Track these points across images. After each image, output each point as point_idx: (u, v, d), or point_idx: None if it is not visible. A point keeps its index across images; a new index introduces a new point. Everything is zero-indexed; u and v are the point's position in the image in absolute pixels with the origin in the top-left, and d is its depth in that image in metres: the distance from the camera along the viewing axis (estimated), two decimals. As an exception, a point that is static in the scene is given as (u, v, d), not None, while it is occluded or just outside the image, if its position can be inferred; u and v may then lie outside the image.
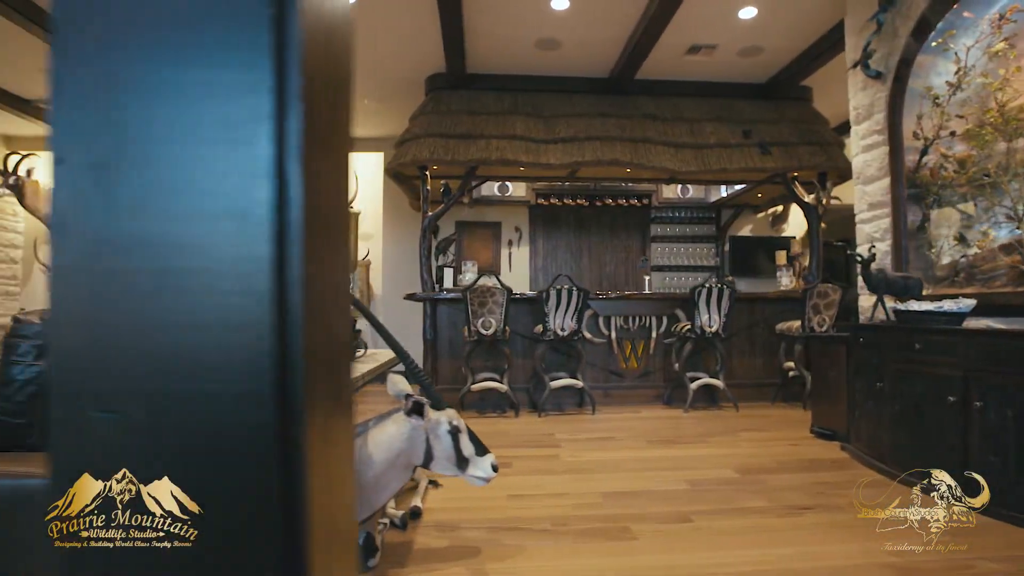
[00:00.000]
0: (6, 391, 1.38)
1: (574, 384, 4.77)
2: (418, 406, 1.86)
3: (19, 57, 4.95)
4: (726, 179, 5.76)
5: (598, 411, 4.85)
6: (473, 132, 5.08)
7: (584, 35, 4.65)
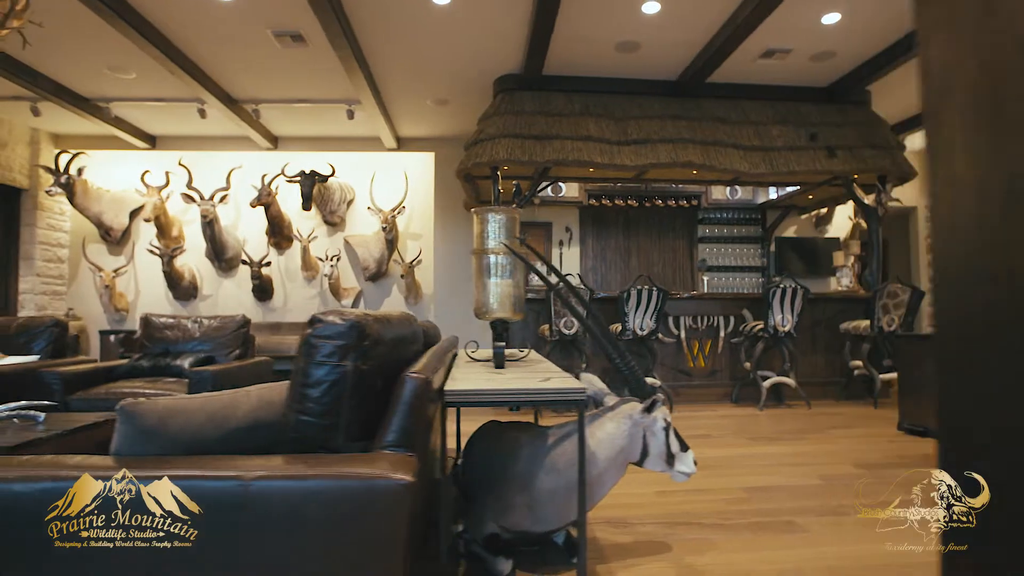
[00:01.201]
0: (313, 392, 1.41)
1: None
2: (653, 404, 1.92)
3: (84, 55, 4.91)
4: (792, 181, 5.85)
5: (674, 409, 4.92)
6: (548, 133, 5.12)
7: (665, 38, 4.72)
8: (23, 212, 6.68)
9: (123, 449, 1.37)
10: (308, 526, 1.20)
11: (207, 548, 1.16)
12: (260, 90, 5.72)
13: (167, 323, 4.16)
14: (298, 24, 4.45)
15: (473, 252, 2.64)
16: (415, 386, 1.44)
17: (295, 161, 6.91)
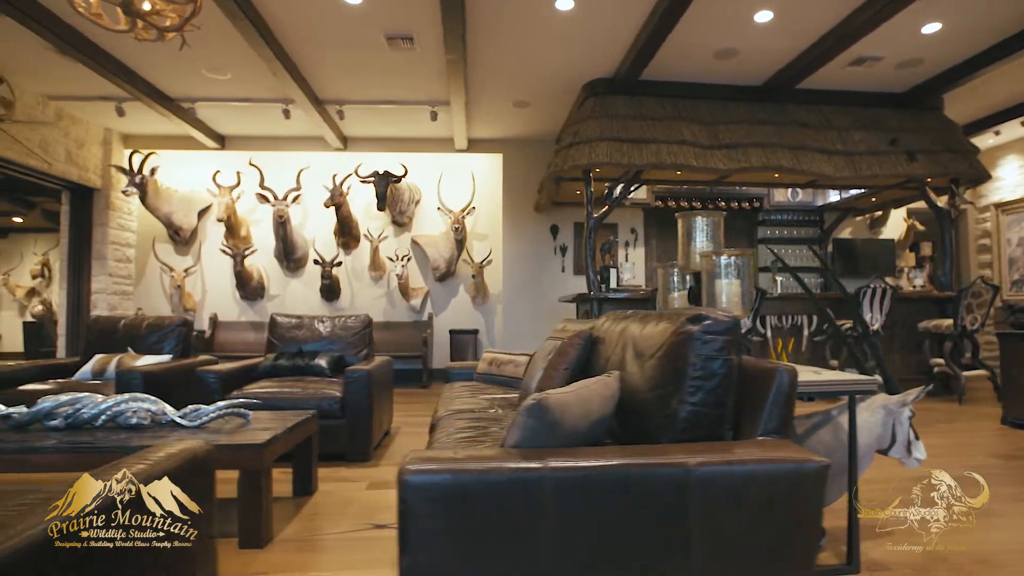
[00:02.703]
0: (707, 384, 1.51)
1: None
2: (915, 395, 2.04)
3: (185, 57, 4.90)
4: (874, 184, 6.02)
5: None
6: (644, 137, 5.24)
7: (766, 45, 4.85)
8: (95, 212, 6.67)
9: (525, 442, 1.47)
10: (747, 505, 1.31)
11: (660, 526, 1.28)
12: (348, 91, 5.77)
13: (294, 323, 4.21)
14: (413, 27, 4.51)
15: (680, 254, 2.76)
16: (789, 378, 1.55)
17: (362, 161, 6.94)
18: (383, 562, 2.07)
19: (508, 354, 3.41)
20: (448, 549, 1.26)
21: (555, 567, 1.27)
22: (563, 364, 2.41)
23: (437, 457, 1.32)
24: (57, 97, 5.87)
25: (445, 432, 2.17)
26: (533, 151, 7.17)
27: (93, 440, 2.24)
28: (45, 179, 6.01)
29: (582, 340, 2.44)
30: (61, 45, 4.51)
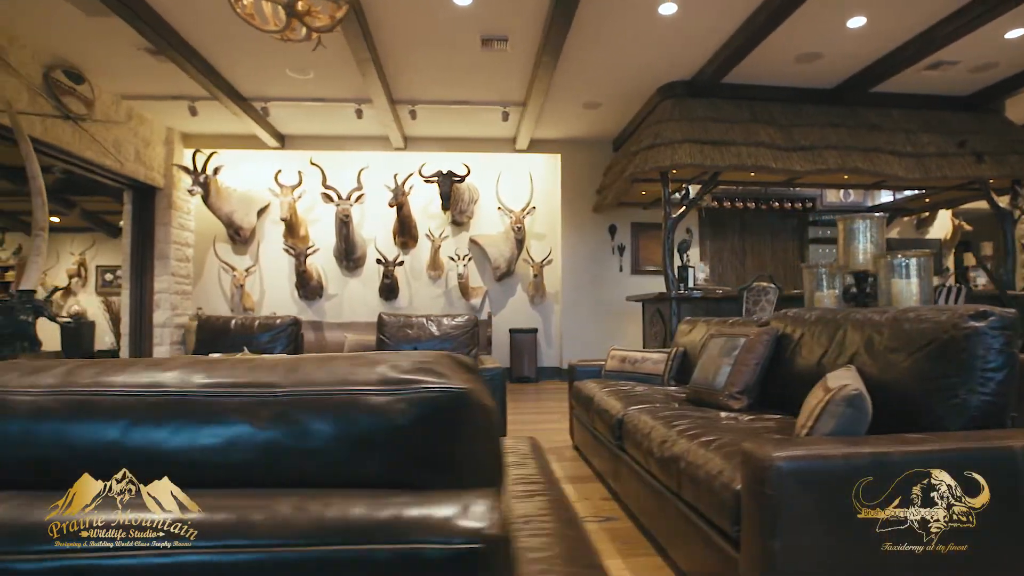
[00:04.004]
0: (997, 376, 1.58)
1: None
2: None
3: (269, 57, 4.94)
4: (943, 186, 6.15)
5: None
6: (725, 138, 5.32)
7: (850, 49, 4.95)
8: (158, 211, 6.65)
9: (841, 430, 1.54)
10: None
11: (992, 513, 1.35)
12: (423, 91, 5.81)
13: (404, 322, 4.24)
14: (511, 27, 4.56)
15: (840, 255, 2.83)
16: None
17: (420, 161, 6.97)
18: (608, 553, 2.12)
19: (640, 352, 3.47)
20: (816, 530, 1.32)
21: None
22: (753, 359, 2.48)
23: (801, 444, 1.39)
24: (130, 97, 5.86)
25: (657, 425, 2.22)
26: (590, 152, 7.25)
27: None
28: (116, 178, 5.99)
29: (770, 337, 2.51)
30: (161, 45, 4.51)
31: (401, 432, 0.49)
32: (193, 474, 0.50)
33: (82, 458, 0.49)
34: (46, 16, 4.35)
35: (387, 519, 0.42)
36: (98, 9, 4.09)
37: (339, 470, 0.49)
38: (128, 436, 0.50)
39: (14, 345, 3.69)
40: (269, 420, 0.48)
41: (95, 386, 0.52)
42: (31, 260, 3.94)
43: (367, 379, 0.51)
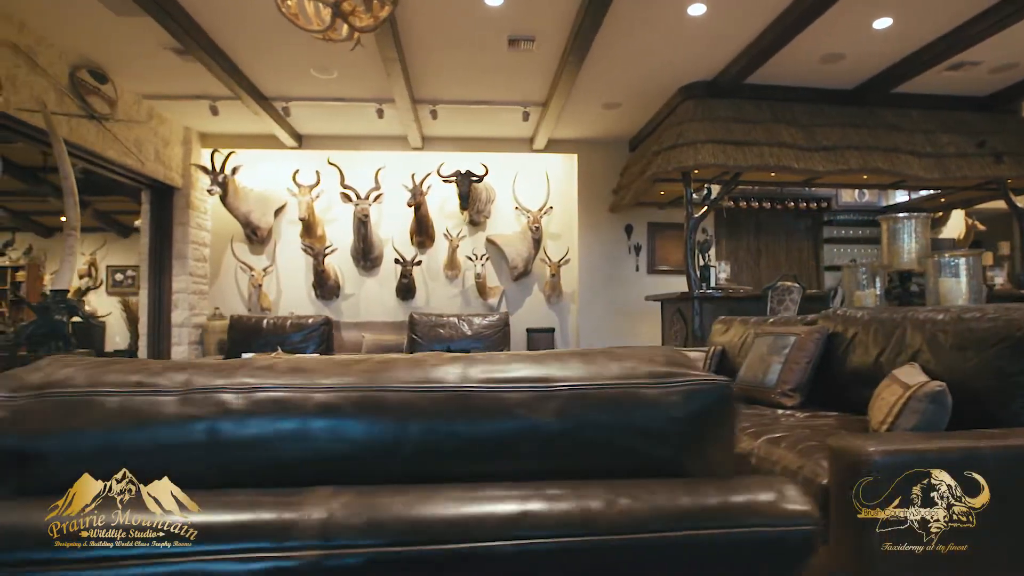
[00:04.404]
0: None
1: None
2: None
3: (294, 56, 4.95)
4: (963, 186, 6.18)
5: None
6: (747, 139, 5.35)
7: (875, 50, 4.98)
8: (176, 211, 6.64)
9: (924, 426, 1.56)
10: None
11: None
12: (445, 91, 5.82)
13: (437, 321, 4.26)
14: (540, 27, 4.58)
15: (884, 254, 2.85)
16: None
17: (435, 160, 6.97)
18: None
19: (677, 350, 3.49)
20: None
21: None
22: (805, 358, 2.50)
23: (895, 439, 1.41)
24: (151, 96, 5.86)
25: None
26: (606, 152, 7.26)
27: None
28: (137, 178, 5.99)
29: (821, 336, 2.53)
30: (189, 44, 4.52)
31: (676, 422, 0.50)
32: (477, 468, 0.51)
33: (364, 451, 0.50)
34: (74, 15, 4.35)
35: (716, 505, 0.43)
36: (129, 9, 4.10)
37: (622, 461, 0.50)
38: (407, 431, 0.51)
39: (49, 345, 3.69)
40: (553, 414, 0.49)
41: (380, 383, 0.53)
42: (64, 260, 3.94)
43: (634, 373, 0.52)
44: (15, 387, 0.53)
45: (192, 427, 0.50)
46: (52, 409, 0.51)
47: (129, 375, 0.54)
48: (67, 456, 0.50)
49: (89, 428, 0.50)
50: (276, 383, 0.53)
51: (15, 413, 0.50)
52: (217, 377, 0.54)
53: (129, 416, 0.50)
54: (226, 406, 0.50)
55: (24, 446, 0.50)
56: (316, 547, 0.41)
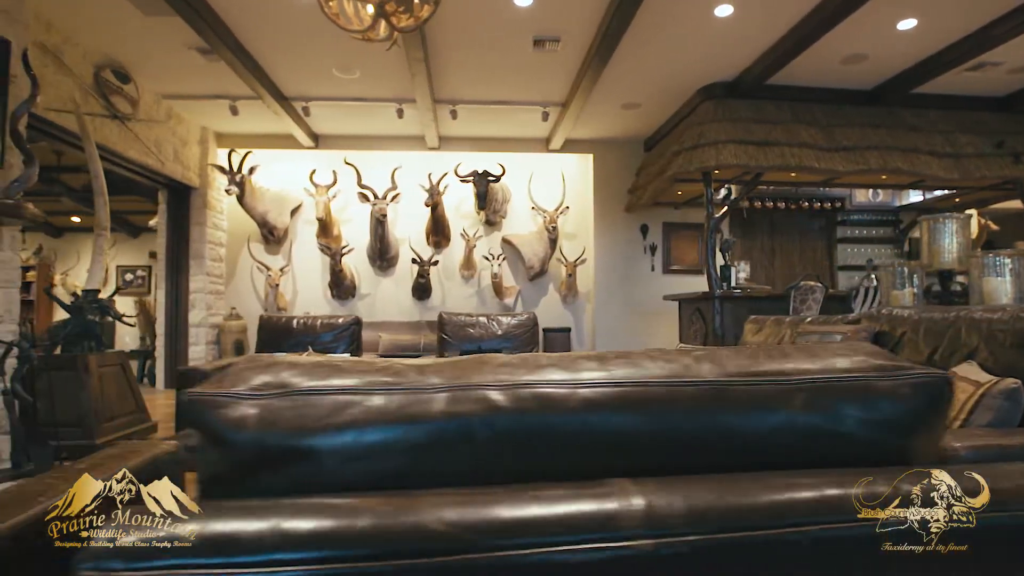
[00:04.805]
0: None
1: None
2: None
3: (318, 56, 4.95)
4: (981, 186, 6.21)
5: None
6: (768, 139, 5.37)
7: (897, 50, 5.00)
8: (193, 210, 6.64)
9: (998, 422, 1.58)
10: None
11: None
12: (465, 91, 5.83)
13: (467, 321, 4.27)
14: (565, 28, 4.59)
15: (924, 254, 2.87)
16: None
17: (451, 160, 6.98)
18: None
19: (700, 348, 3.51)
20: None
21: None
22: (853, 357, 2.51)
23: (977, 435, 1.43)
24: (171, 96, 5.85)
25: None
26: (622, 152, 7.28)
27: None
28: (156, 177, 5.98)
29: (868, 334, 2.55)
30: (215, 44, 4.52)
31: (908, 413, 0.52)
32: (735, 460, 0.52)
33: (614, 446, 0.51)
34: (101, 15, 4.35)
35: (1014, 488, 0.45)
36: (158, 8, 4.10)
37: (867, 450, 0.51)
38: (668, 423, 0.52)
39: (82, 344, 3.70)
40: (802, 406, 0.51)
41: (639, 378, 0.54)
42: (94, 259, 3.94)
43: (866, 366, 0.54)
44: (255, 386, 0.54)
45: (458, 424, 0.51)
46: (305, 408, 0.52)
47: (372, 376, 0.55)
48: (331, 454, 0.51)
49: (349, 427, 0.51)
50: (538, 379, 0.54)
51: (267, 411, 0.51)
52: (474, 375, 0.55)
53: (390, 414, 0.51)
54: (491, 403, 0.51)
55: (282, 443, 0.51)
56: (646, 536, 0.43)
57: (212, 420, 0.51)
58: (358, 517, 0.44)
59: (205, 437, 0.52)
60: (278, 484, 0.50)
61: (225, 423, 0.51)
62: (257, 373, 0.56)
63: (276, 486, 0.50)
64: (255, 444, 0.50)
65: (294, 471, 0.51)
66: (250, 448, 0.50)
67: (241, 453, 0.51)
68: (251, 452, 0.50)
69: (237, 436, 0.50)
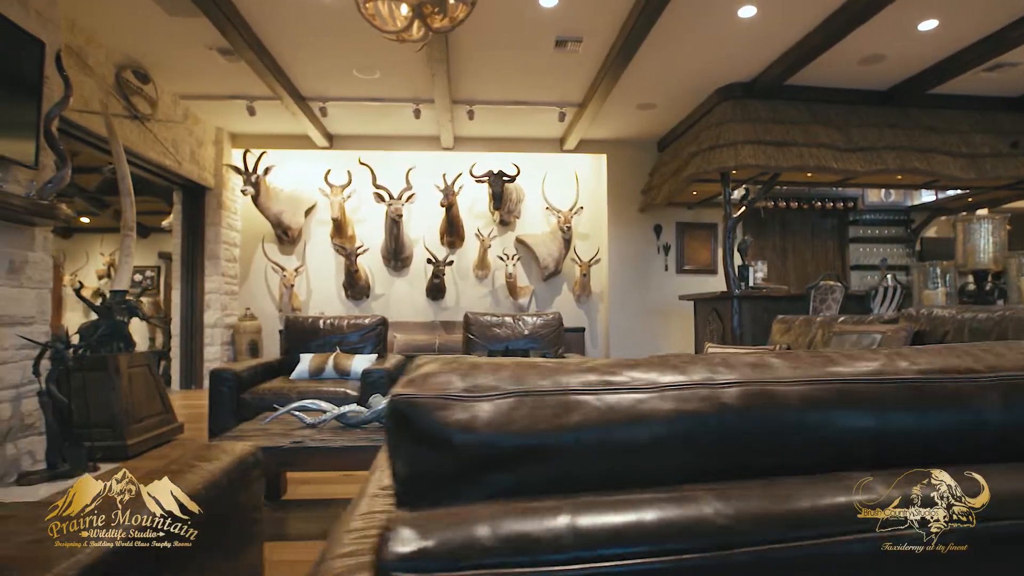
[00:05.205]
0: None
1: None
2: None
3: (341, 56, 4.96)
4: (997, 185, 6.24)
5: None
6: (787, 140, 5.39)
7: (915, 51, 5.02)
8: (208, 211, 6.64)
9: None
10: None
11: None
12: (483, 91, 5.83)
13: (493, 321, 4.28)
14: (589, 29, 4.60)
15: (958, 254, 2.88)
16: None
17: (464, 160, 6.99)
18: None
19: (742, 349, 3.52)
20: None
21: None
22: (896, 357, 2.53)
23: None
24: (188, 96, 5.85)
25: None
26: (635, 152, 7.30)
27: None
28: (173, 178, 5.98)
29: (908, 333, 2.57)
30: (239, 45, 4.52)
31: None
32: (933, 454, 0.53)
33: (834, 443, 0.52)
34: (124, 15, 4.35)
35: None
36: (183, 8, 4.10)
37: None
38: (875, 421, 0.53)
39: (111, 345, 3.69)
40: (998, 403, 0.52)
41: (840, 376, 0.55)
42: (121, 260, 3.93)
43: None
44: (471, 388, 0.55)
45: (685, 421, 0.52)
46: (535, 409, 0.53)
47: (585, 375, 0.56)
48: (562, 453, 0.52)
49: (580, 427, 0.52)
50: (752, 379, 0.56)
51: (496, 413, 0.52)
52: (693, 373, 0.56)
53: (620, 413, 0.52)
54: (719, 400, 0.52)
55: (515, 444, 0.52)
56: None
57: (434, 422, 0.52)
58: (644, 511, 0.45)
59: (420, 439, 0.53)
60: (505, 484, 0.51)
61: (451, 425, 0.52)
62: (462, 375, 0.57)
63: (503, 486, 0.51)
64: (486, 445, 0.51)
65: (524, 471, 0.51)
66: (480, 449, 0.51)
67: (469, 454, 0.51)
68: (480, 453, 0.51)
69: (466, 437, 0.51)
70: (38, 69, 3.15)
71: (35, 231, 3.27)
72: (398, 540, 0.43)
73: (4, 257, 3.07)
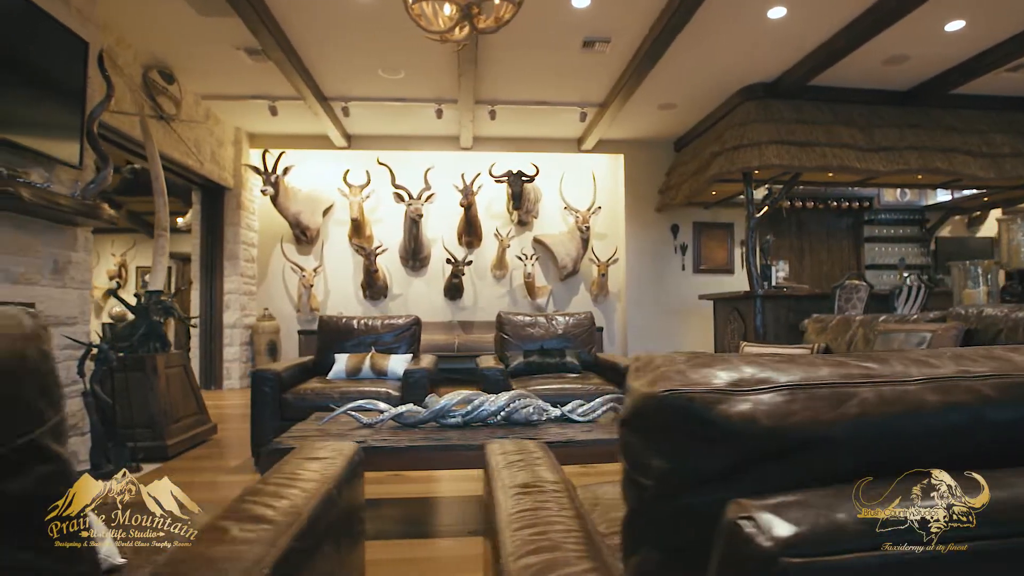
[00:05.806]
0: None
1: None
2: None
3: (366, 57, 4.97)
4: (1010, 185, 6.27)
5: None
6: (810, 140, 5.41)
7: (939, 52, 5.05)
8: (227, 211, 6.63)
9: None
10: None
11: None
12: (505, 91, 5.84)
13: (527, 321, 4.29)
14: (617, 29, 4.61)
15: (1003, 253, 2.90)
16: None
17: (482, 160, 6.99)
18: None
19: (781, 348, 3.54)
20: None
21: None
22: (949, 355, 2.54)
23: None
24: (210, 97, 5.84)
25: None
26: (652, 152, 7.32)
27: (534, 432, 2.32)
28: (194, 178, 5.97)
29: (958, 332, 2.58)
30: (268, 44, 4.51)
31: None
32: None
33: (935, 446, 0.54)
34: (154, 15, 4.34)
35: None
36: (215, 8, 4.10)
37: None
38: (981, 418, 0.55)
39: (148, 345, 3.69)
40: None
41: (960, 373, 0.57)
42: (156, 260, 3.93)
43: None
44: (739, 381, 0.56)
45: (952, 413, 0.54)
46: (809, 401, 0.54)
47: (844, 368, 0.57)
48: (839, 445, 0.53)
49: (857, 418, 0.53)
50: (1006, 371, 0.58)
51: (774, 406, 0.53)
52: (940, 367, 0.58)
53: (892, 404, 0.53)
54: (980, 393, 0.54)
55: (798, 436, 0.53)
56: None
57: (716, 415, 0.53)
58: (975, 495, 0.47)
59: (695, 433, 0.54)
60: (780, 476, 0.52)
61: (731, 418, 0.53)
62: (721, 369, 0.58)
63: (777, 479, 0.52)
64: (767, 437, 0.52)
65: (800, 463, 0.52)
66: (761, 442, 0.52)
67: (750, 447, 0.52)
68: (760, 446, 0.52)
69: (751, 429, 0.52)
70: (82, 69, 3.15)
71: (77, 231, 3.27)
72: (768, 526, 0.44)
73: (49, 257, 3.06)
